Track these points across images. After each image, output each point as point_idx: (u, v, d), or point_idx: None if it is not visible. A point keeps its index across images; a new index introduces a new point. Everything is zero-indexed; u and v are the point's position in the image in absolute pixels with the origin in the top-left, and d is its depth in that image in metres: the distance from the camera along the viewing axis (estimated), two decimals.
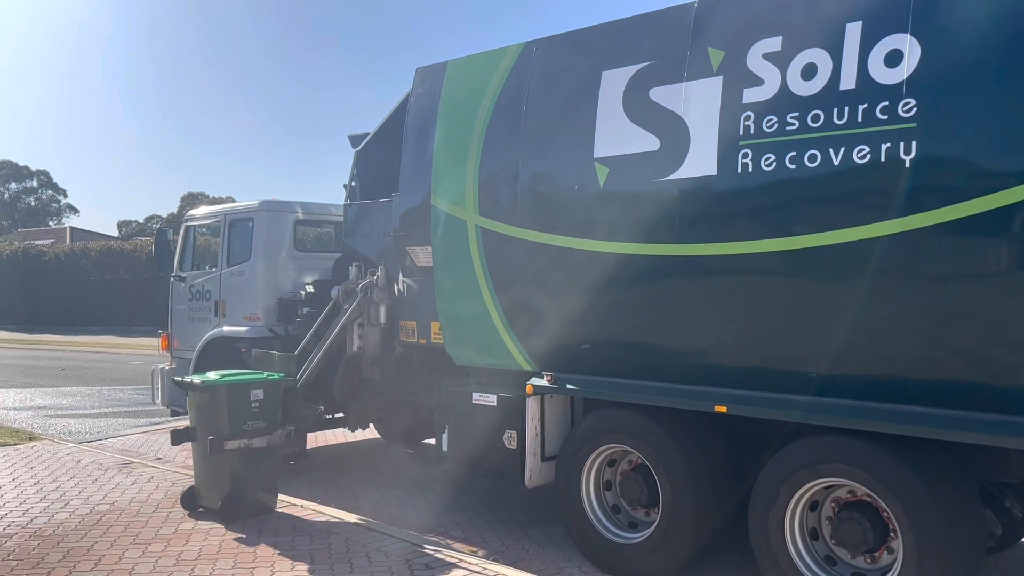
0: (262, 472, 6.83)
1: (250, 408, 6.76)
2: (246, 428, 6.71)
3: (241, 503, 6.67)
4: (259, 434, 6.76)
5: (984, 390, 4.23)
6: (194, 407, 6.89)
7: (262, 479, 6.85)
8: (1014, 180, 4.03)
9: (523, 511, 7.25)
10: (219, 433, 6.58)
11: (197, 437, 6.82)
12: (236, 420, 6.66)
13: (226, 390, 6.63)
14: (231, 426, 6.63)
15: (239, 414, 6.68)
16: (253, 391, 6.80)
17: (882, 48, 4.44)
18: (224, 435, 6.59)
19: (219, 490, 6.67)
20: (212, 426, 6.64)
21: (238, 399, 6.69)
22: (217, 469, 6.68)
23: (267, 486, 6.90)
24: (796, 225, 4.73)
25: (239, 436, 6.65)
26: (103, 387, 16.35)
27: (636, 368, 5.54)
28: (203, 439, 6.68)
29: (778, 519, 4.88)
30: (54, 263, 38.81)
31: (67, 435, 10.96)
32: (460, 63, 6.68)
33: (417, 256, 7.00)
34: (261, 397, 6.84)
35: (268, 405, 6.87)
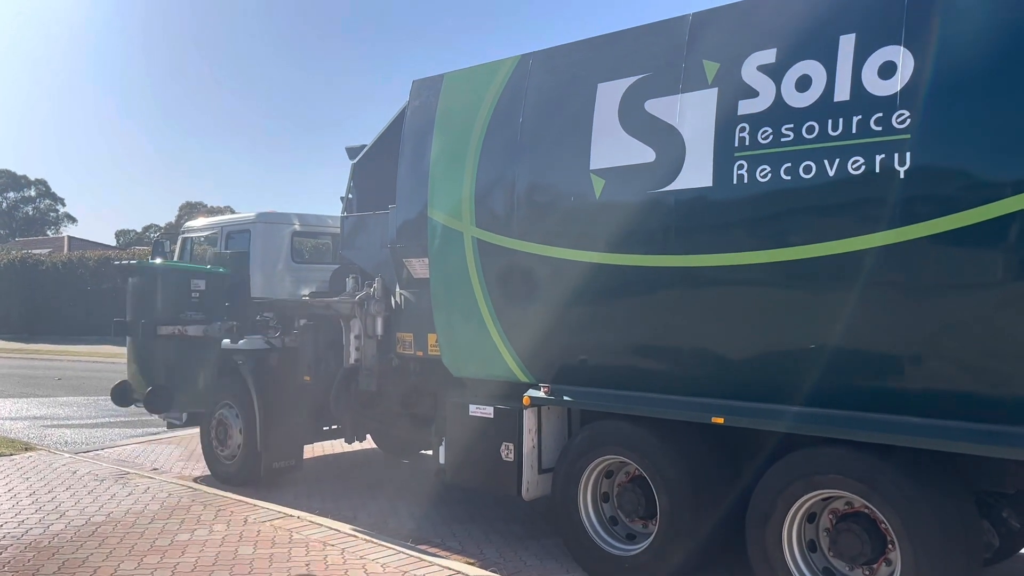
0: (195, 368, 6.45)
1: (189, 298, 6.44)
2: (182, 317, 6.39)
3: (170, 397, 6.30)
4: (196, 323, 6.43)
5: (981, 401, 4.24)
6: (133, 293, 6.53)
7: (195, 378, 6.48)
8: (1008, 190, 4.05)
9: (520, 523, 7.23)
10: (153, 319, 6.24)
11: (132, 326, 6.45)
12: (173, 307, 6.33)
13: (163, 274, 6.30)
14: (166, 312, 6.28)
15: (176, 301, 6.35)
16: (194, 280, 6.52)
17: (876, 60, 4.46)
18: (158, 320, 6.25)
19: (149, 381, 6.31)
20: (147, 313, 6.31)
21: (176, 286, 6.35)
22: (148, 358, 6.33)
23: (202, 388, 6.53)
24: (791, 236, 4.74)
25: (174, 323, 6.33)
26: (100, 397, 16.28)
27: (633, 379, 5.54)
28: (136, 321, 6.33)
29: (776, 531, 4.88)
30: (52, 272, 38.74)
31: (63, 445, 10.93)
32: (456, 75, 6.71)
33: (414, 268, 7.01)
34: (202, 288, 6.58)
35: (210, 297, 6.53)
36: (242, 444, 8.59)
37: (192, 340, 6.40)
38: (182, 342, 6.35)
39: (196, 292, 6.51)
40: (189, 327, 6.41)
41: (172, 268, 6.46)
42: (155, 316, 6.32)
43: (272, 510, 7.24)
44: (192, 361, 6.45)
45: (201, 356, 6.49)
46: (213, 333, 6.52)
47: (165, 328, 6.31)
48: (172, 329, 6.34)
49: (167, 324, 6.30)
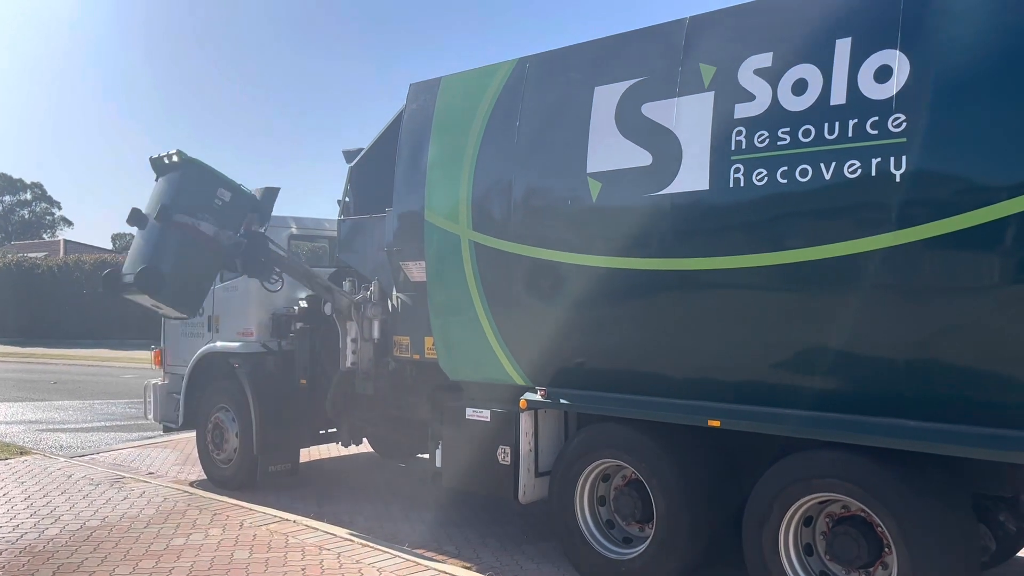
0: (195, 266, 6.45)
1: (212, 203, 6.46)
2: (199, 216, 6.40)
3: (161, 280, 6.25)
4: (211, 223, 6.44)
5: (977, 404, 4.24)
6: (159, 186, 6.53)
7: (191, 276, 6.48)
8: (1004, 194, 4.06)
9: (517, 527, 7.22)
10: (173, 205, 6.25)
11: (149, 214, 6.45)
12: (193, 201, 6.32)
13: (197, 168, 6.31)
14: (186, 203, 6.29)
15: (199, 198, 6.36)
16: (221, 189, 6.50)
17: (872, 64, 4.47)
18: (177, 207, 6.25)
19: (144, 261, 6.26)
20: (169, 199, 6.32)
21: (204, 186, 6.36)
22: (154, 241, 6.32)
23: (192, 290, 6.53)
24: (788, 239, 4.74)
25: (190, 214, 6.32)
26: (95, 401, 16.27)
27: (630, 382, 5.54)
28: (155, 209, 6.32)
29: (772, 534, 4.87)
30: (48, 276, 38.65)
31: (58, 449, 10.90)
32: (453, 79, 6.71)
33: (411, 271, 7.00)
34: (227, 199, 6.54)
35: (230, 212, 6.53)
36: (238, 448, 8.58)
37: (200, 238, 6.48)
38: (190, 238, 6.44)
39: (220, 200, 6.59)
40: (203, 223, 6.48)
41: (205, 168, 6.60)
42: (175, 203, 6.38)
43: (268, 514, 7.22)
44: (193, 259, 6.56)
45: (204, 258, 6.61)
46: (222, 238, 6.60)
47: (180, 216, 6.36)
48: (187, 219, 6.38)
49: (184, 215, 6.35)
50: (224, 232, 6.74)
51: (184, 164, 6.66)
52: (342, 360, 7.77)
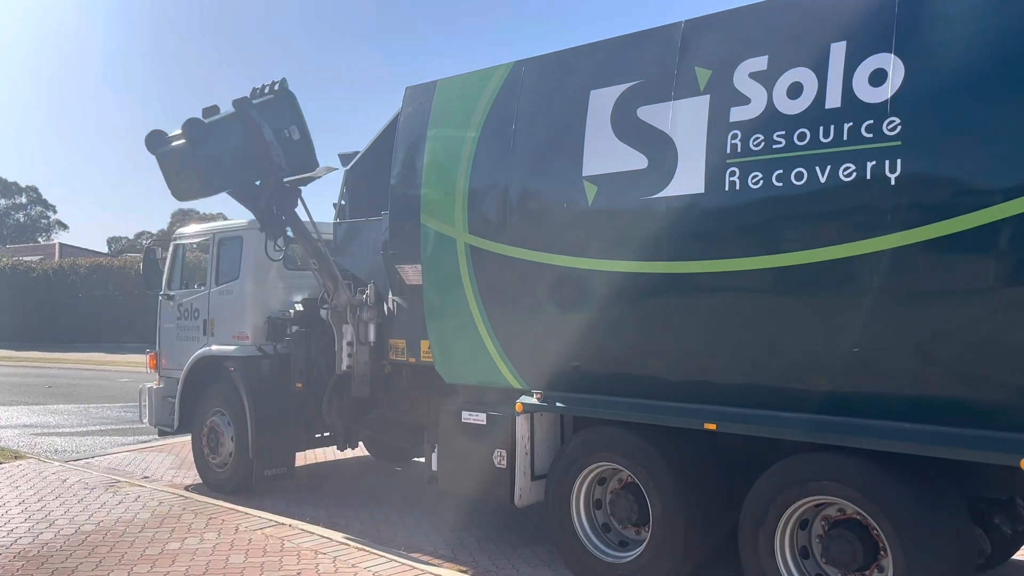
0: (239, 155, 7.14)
1: (282, 132, 7.35)
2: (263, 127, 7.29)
3: (207, 133, 6.99)
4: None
5: (972, 406, 4.25)
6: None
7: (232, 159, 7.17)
8: (999, 197, 4.06)
9: (513, 530, 7.21)
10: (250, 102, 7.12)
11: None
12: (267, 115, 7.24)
13: (289, 100, 7.33)
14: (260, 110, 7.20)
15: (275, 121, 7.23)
16: (294, 127, 7.40)
17: (866, 67, 4.48)
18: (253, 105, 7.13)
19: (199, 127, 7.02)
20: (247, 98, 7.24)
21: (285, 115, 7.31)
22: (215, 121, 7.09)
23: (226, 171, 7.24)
24: (784, 242, 4.75)
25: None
26: (91, 405, 16.23)
27: (626, 386, 5.54)
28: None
29: (768, 537, 4.87)
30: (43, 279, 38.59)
31: (53, 453, 10.87)
32: (449, 82, 6.71)
33: (406, 274, 7.00)
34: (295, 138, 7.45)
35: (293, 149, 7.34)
36: (234, 452, 8.56)
37: (257, 139, 7.21)
38: (249, 133, 7.20)
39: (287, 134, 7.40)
40: (266, 128, 7.26)
41: (295, 103, 7.40)
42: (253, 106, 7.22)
43: (264, 518, 7.20)
44: (240, 148, 7.23)
45: (248, 155, 7.27)
46: (273, 152, 7.32)
47: (253, 111, 7.21)
48: (256, 117, 7.25)
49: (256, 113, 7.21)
50: (278, 149, 7.19)
51: (282, 92, 7.31)
52: (338, 363, 7.76)
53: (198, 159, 7.14)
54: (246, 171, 7.48)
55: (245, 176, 7.60)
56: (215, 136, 7.08)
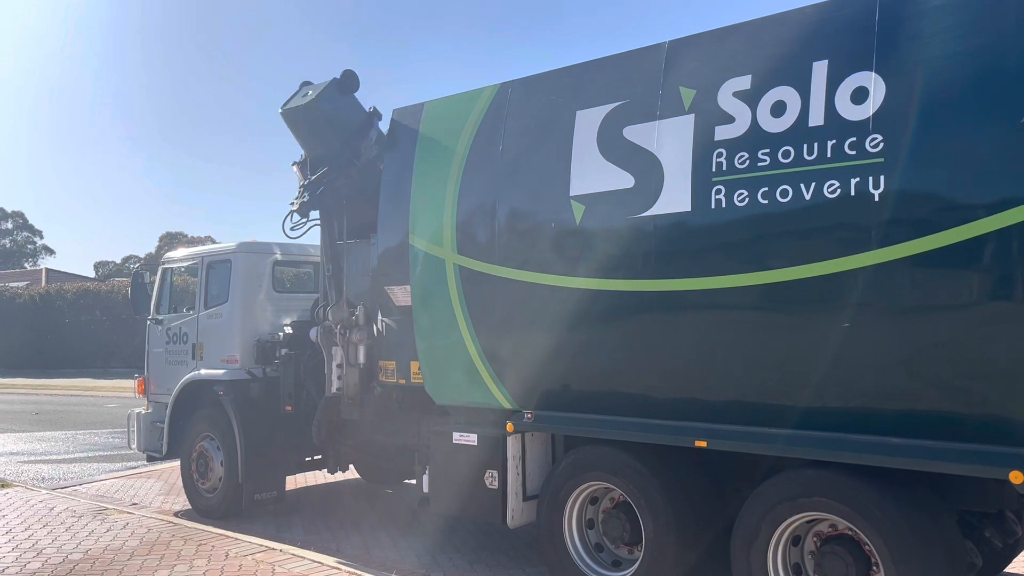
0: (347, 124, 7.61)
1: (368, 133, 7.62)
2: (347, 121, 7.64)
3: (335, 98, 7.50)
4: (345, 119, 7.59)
5: (960, 420, 4.27)
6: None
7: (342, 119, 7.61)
8: (982, 212, 4.11)
9: (506, 551, 7.18)
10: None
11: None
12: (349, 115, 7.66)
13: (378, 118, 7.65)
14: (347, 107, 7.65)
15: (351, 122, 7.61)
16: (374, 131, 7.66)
17: (848, 86, 4.54)
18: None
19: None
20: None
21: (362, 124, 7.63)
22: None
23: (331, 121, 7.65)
24: (770, 259, 4.78)
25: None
26: (78, 431, 16.09)
27: (616, 404, 5.54)
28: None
29: (761, 554, 4.86)
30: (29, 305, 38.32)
31: (40, 481, 10.75)
32: (437, 104, 6.76)
33: (396, 295, 7.00)
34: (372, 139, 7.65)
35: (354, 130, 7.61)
36: (223, 476, 8.50)
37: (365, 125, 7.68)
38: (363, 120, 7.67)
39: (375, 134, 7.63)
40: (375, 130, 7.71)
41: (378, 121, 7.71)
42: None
43: (254, 543, 7.14)
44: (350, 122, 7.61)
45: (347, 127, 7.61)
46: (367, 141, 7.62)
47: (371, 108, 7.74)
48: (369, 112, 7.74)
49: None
50: (372, 147, 7.55)
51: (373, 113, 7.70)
52: (328, 386, 7.73)
53: (326, 95, 7.46)
54: (334, 140, 7.63)
55: (329, 141, 7.67)
56: (349, 101, 7.55)
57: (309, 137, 7.68)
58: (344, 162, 7.50)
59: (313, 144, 7.72)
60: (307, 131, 7.65)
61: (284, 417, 8.36)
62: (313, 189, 7.73)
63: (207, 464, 8.68)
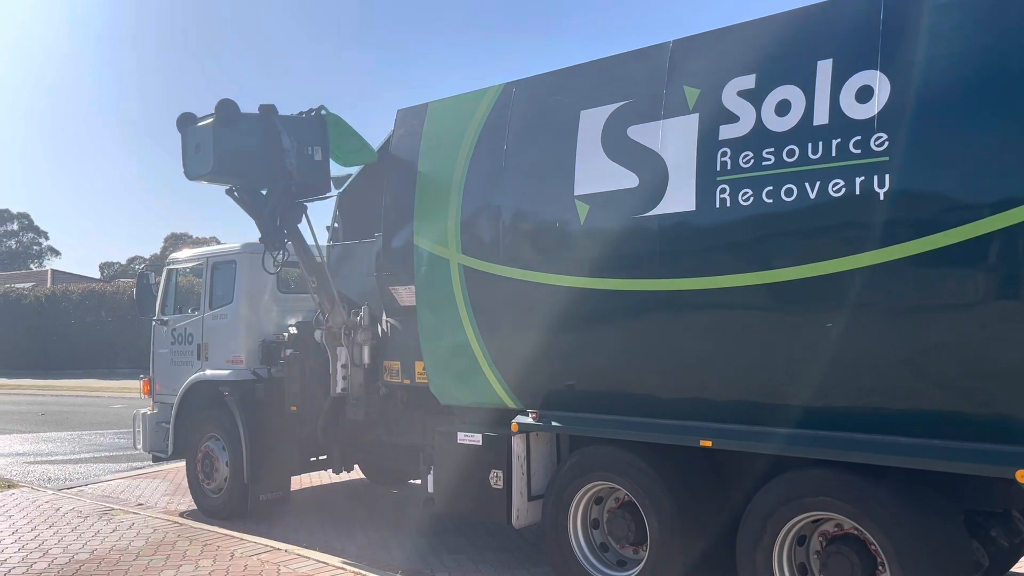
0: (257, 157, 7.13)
1: (305, 148, 7.20)
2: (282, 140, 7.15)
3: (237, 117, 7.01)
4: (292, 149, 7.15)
5: (966, 419, 4.26)
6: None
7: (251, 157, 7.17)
8: (987, 211, 4.10)
9: (510, 551, 7.17)
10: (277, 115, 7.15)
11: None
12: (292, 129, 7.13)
13: (320, 122, 7.20)
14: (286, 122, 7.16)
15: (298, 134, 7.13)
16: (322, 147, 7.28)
17: (853, 84, 4.54)
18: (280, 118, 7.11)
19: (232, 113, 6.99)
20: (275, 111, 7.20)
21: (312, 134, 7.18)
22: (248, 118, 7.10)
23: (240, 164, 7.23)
24: (775, 259, 4.77)
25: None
26: (84, 432, 16.13)
27: (621, 404, 5.54)
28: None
29: (766, 554, 4.86)
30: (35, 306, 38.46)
31: (46, 482, 10.78)
32: (441, 104, 6.76)
33: (400, 296, 7.00)
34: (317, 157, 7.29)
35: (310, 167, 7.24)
36: (229, 477, 8.51)
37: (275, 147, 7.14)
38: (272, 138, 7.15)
39: (310, 152, 7.25)
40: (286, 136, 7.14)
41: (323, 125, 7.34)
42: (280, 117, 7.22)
43: (259, 544, 7.15)
44: (259, 149, 7.17)
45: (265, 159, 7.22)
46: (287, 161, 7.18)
47: (276, 118, 7.17)
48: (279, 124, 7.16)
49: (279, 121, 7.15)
50: (293, 159, 7.15)
51: (316, 116, 7.27)
52: (332, 386, 7.74)
53: (218, 139, 7.14)
54: (257, 172, 7.44)
55: (254, 177, 7.54)
56: (240, 126, 7.15)
57: (233, 182, 7.57)
58: (280, 185, 7.33)
59: (240, 184, 7.58)
60: (226, 181, 7.54)
61: (289, 417, 8.37)
62: (269, 229, 7.69)
63: (212, 464, 8.70)
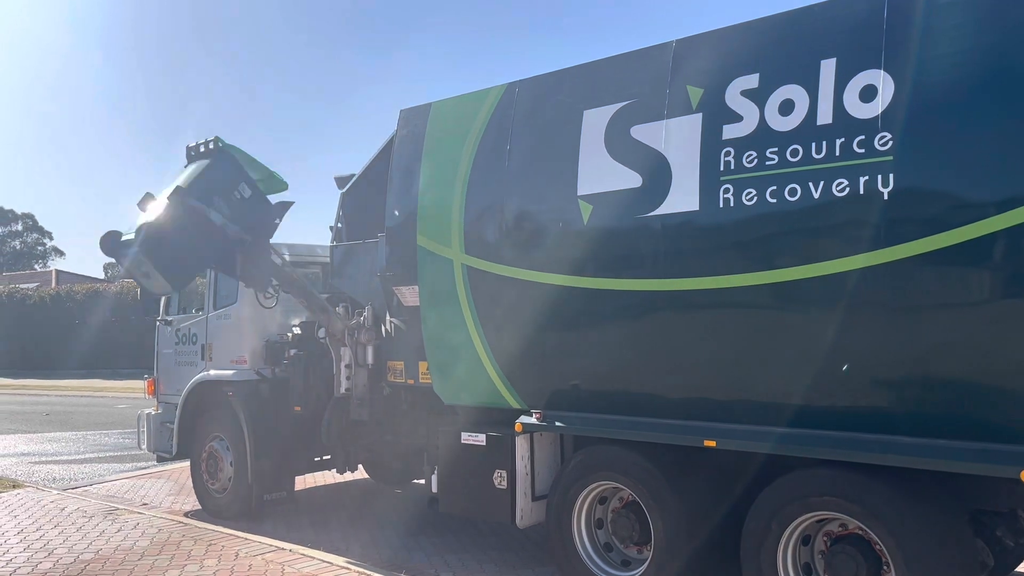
0: (197, 247, 6.55)
1: (232, 194, 6.54)
2: (214, 201, 6.47)
3: (163, 241, 6.38)
4: (222, 213, 6.49)
5: (971, 419, 4.25)
6: (188, 167, 6.66)
7: (193, 252, 6.59)
8: (992, 210, 4.10)
9: (515, 551, 7.18)
10: (192, 190, 6.37)
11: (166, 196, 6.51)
12: (212, 187, 6.41)
13: (229, 159, 6.46)
14: (204, 188, 6.39)
15: (221, 185, 6.43)
16: (243, 184, 6.56)
17: (857, 84, 4.53)
18: (190, 191, 6.35)
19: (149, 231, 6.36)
20: (185, 178, 6.41)
21: (230, 176, 6.48)
22: (161, 212, 6.43)
23: (192, 264, 6.71)
24: (779, 258, 4.77)
25: (205, 199, 6.41)
26: (88, 432, 16.16)
27: (625, 404, 5.54)
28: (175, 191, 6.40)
29: (771, 554, 4.86)
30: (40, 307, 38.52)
31: (51, 482, 10.81)
32: (444, 104, 6.76)
33: (404, 296, 7.01)
34: (247, 195, 6.57)
35: (246, 209, 6.60)
36: (233, 477, 8.52)
37: (207, 226, 6.61)
38: (198, 221, 6.56)
39: (239, 195, 6.69)
40: (213, 212, 6.56)
41: (235, 161, 6.71)
42: (191, 187, 6.51)
43: (263, 543, 7.16)
44: (196, 238, 6.68)
45: (206, 242, 6.74)
46: (228, 230, 6.70)
47: (192, 201, 6.50)
48: (198, 204, 6.50)
49: (196, 200, 6.52)
50: (231, 226, 6.80)
51: (219, 152, 6.73)
52: (336, 386, 7.75)
53: (154, 258, 6.83)
54: (207, 257, 7.29)
55: (208, 260, 7.49)
56: (165, 235, 6.65)
57: (200, 273, 7.59)
58: (236, 249, 7.29)
59: (185, 279, 7.59)
60: (192, 277, 7.54)
61: (293, 417, 8.37)
62: (247, 279, 7.76)
63: (217, 464, 8.71)
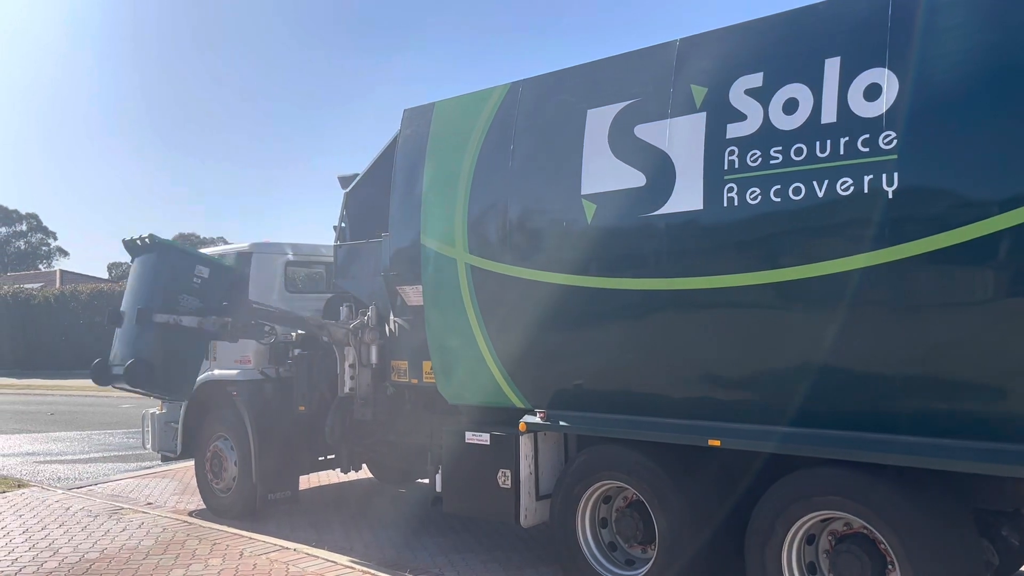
0: (185, 354, 6.42)
1: (191, 283, 6.41)
2: (181, 299, 6.35)
3: (151, 372, 6.24)
4: (192, 313, 6.37)
5: (976, 418, 4.24)
6: (136, 268, 6.53)
7: (184, 361, 6.45)
8: (996, 208, 4.08)
9: (519, 551, 7.18)
10: (150, 303, 6.23)
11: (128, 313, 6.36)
12: (172, 285, 6.29)
13: (171, 251, 6.28)
14: (165, 293, 6.27)
15: (178, 280, 6.31)
16: (199, 266, 6.45)
17: (861, 82, 4.52)
18: (154, 307, 6.23)
19: (132, 354, 6.25)
20: (144, 292, 6.27)
21: (181, 266, 6.33)
22: (137, 334, 6.33)
23: (188, 371, 6.58)
24: (783, 257, 4.76)
25: (170, 306, 6.28)
26: (93, 431, 16.19)
27: (629, 403, 5.54)
28: (132, 307, 6.25)
29: (775, 553, 4.85)
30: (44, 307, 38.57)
31: (56, 481, 10.83)
32: (447, 104, 6.76)
33: (408, 295, 7.01)
34: (206, 275, 6.49)
35: (212, 287, 6.49)
36: (237, 476, 8.54)
37: (185, 332, 6.47)
38: (175, 330, 6.42)
39: (199, 279, 6.60)
40: (184, 317, 6.43)
41: (178, 250, 6.65)
42: (153, 299, 6.38)
43: (268, 543, 7.17)
44: (181, 347, 6.57)
45: (191, 345, 6.63)
46: (207, 326, 6.56)
47: (160, 316, 6.35)
48: (167, 318, 6.37)
49: (163, 311, 6.36)
50: (207, 319, 6.77)
51: (157, 247, 6.68)
52: (340, 386, 7.76)
53: (159, 390, 6.93)
54: (197, 352, 7.33)
55: (200, 352, 7.54)
56: (148, 365, 6.64)
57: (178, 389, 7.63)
58: (222, 333, 7.38)
59: (192, 378, 7.71)
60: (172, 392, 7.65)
61: (297, 417, 8.38)
62: (247, 335, 7.82)
63: (221, 464, 8.72)
